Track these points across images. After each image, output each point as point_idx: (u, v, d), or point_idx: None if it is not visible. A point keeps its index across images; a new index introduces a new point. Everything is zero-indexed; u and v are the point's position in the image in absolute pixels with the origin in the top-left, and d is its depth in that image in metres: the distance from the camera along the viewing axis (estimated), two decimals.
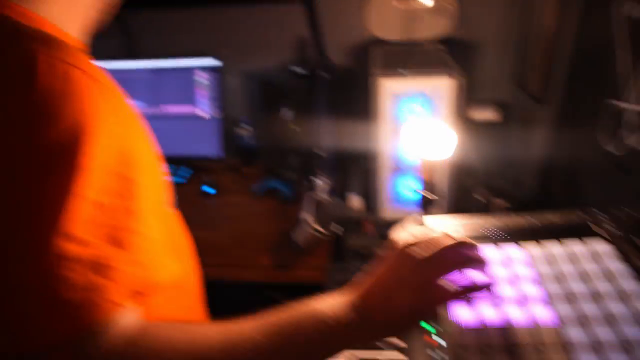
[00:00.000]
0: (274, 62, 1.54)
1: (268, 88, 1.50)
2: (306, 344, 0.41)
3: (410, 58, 1.15)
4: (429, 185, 0.70)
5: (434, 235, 0.45)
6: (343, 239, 1.24)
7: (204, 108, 1.58)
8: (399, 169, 1.25)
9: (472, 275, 0.48)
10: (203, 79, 1.53)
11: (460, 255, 0.44)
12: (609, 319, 0.42)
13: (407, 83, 1.12)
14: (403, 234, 0.47)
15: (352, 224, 1.36)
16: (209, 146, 1.61)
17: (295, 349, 0.41)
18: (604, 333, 0.40)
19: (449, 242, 0.44)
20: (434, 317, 0.43)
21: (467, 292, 0.43)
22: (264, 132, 1.59)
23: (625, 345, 0.39)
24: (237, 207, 1.46)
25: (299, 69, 1.37)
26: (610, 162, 0.91)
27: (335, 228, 1.07)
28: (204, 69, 1.51)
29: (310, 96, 1.37)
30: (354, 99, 1.43)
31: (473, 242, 0.45)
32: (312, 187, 1.25)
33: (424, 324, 0.45)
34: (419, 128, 0.70)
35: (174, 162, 1.64)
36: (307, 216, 1.07)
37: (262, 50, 1.57)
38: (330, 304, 0.44)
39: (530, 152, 1.29)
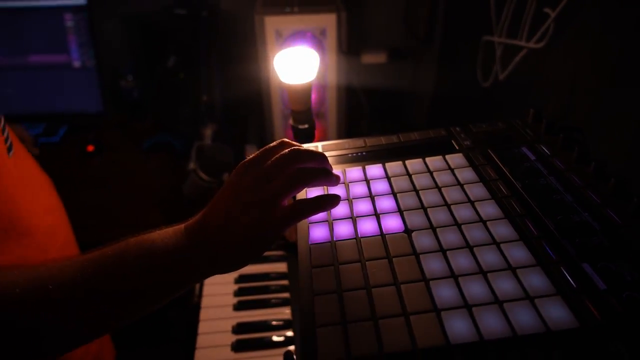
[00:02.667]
0: (153, 4, 1.40)
1: (149, 33, 1.37)
2: (132, 273, 0.37)
3: None
4: (297, 115, 0.67)
5: (272, 145, 0.42)
6: None
7: (77, 57, 1.40)
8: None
9: (317, 189, 0.47)
10: (72, 21, 1.35)
11: (299, 170, 0.41)
12: (457, 224, 0.42)
13: (293, 20, 1.06)
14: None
15: None
16: (87, 101, 1.45)
17: (118, 281, 0.37)
18: (451, 237, 0.40)
19: (285, 150, 0.41)
20: (277, 236, 0.39)
21: (307, 211, 0.40)
22: (150, 82, 1.46)
23: (470, 247, 0.39)
24: (124, 165, 1.35)
25: (181, 11, 1.26)
26: (482, 92, 0.94)
27: (224, 176, 1.02)
28: (70, 9, 1.33)
29: (195, 41, 1.26)
30: (241, 41, 1.36)
31: (316, 151, 0.43)
32: (199, 136, 1.17)
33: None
34: (285, 56, 0.66)
35: (44, 118, 1.46)
36: (195, 166, 1.01)
37: None
38: (164, 231, 0.40)
39: (420, 89, 1.32)
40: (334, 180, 0.44)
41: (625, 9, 0.56)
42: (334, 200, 0.42)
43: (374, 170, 0.50)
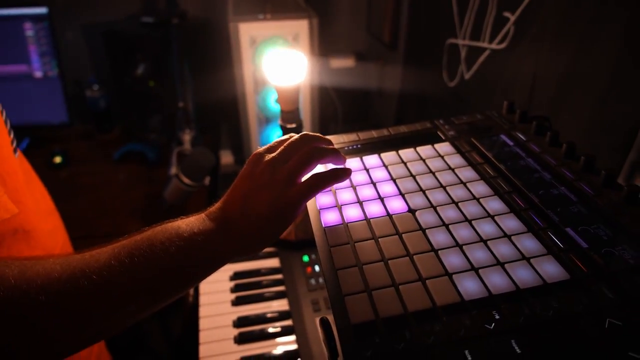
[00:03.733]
0: (118, 13, 1.39)
1: (114, 42, 1.36)
2: (160, 259, 0.39)
3: (266, 2, 1.13)
4: (286, 114, 0.71)
5: (284, 137, 0.46)
6: (215, 190, 1.21)
7: (38, 67, 1.37)
8: (266, 117, 1.24)
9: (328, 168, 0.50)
10: (32, 31, 1.32)
11: (312, 148, 0.44)
12: (454, 202, 0.47)
13: (267, 27, 1.10)
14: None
15: (226, 177, 1.33)
16: (51, 111, 1.42)
17: (149, 265, 0.39)
18: (450, 213, 0.45)
19: (296, 136, 0.45)
20: (296, 212, 0.43)
21: (322, 183, 0.44)
22: (116, 91, 1.44)
23: (469, 220, 0.44)
24: (94, 176, 1.33)
25: (148, 19, 1.26)
26: (449, 91, 1.01)
27: (205, 180, 1.03)
28: (30, 17, 1.30)
29: (165, 48, 1.27)
30: (211, 48, 1.37)
31: (324, 136, 0.47)
32: (178, 142, 1.18)
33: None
34: (274, 59, 0.69)
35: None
36: (177, 171, 1.01)
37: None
38: (187, 219, 0.43)
39: (387, 90, 1.38)
40: (342, 158, 0.48)
41: (579, 10, 0.64)
42: (346, 171, 0.46)
43: (371, 159, 0.55)
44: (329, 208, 0.48)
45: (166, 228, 0.42)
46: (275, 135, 1.24)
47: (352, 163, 0.54)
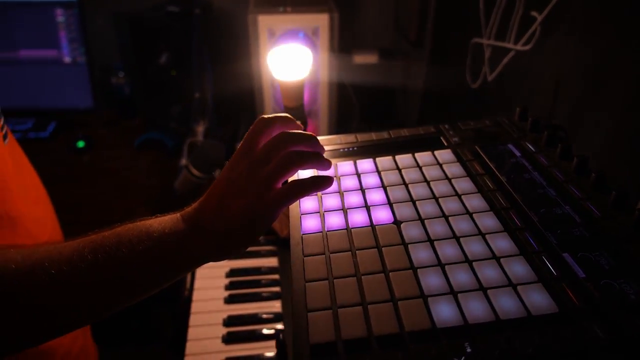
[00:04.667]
0: (147, 1, 1.40)
1: (141, 30, 1.37)
2: (125, 258, 0.38)
3: None
4: (290, 111, 0.68)
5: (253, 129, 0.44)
6: None
7: (67, 52, 1.40)
8: (283, 110, 1.22)
9: (310, 173, 0.48)
10: (62, 17, 1.35)
11: (293, 152, 0.42)
12: (444, 215, 0.43)
13: (286, 20, 1.07)
14: None
15: None
16: (77, 96, 1.44)
17: (113, 263, 0.37)
18: (438, 228, 0.42)
19: (277, 134, 0.42)
20: (272, 218, 0.40)
21: (300, 191, 0.41)
22: (141, 79, 1.45)
23: (457, 237, 0.40)
24: (113, 162, 1.35)
25: (174, 8, 1.26)
26: (471, 93, 0.96)
27: (215, 172, 1.03)
28: (61, 4, 1.32)
29: (187, 38, 1.27)
30: (233, 39, 1.36)
31: (307, 133, 0.44)
32: (192, 132, 1.18)
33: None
34: (278, 53, 0.67)
35: (33, 114, 1.45)
36: (187, 162, 1.01)
37: None
38: (161, 218, 0.41)
39: (410, 88, 1.34)
40: (326, 164, 0.45)
41: (609, 12, 0.58)
42: (327, 180, 0.43)
43: (365, 164, 0.52)
44: (311, 214, 0.45)
45: (137, 226, 0.40)
46: None
47: (345, 167, 0.52)
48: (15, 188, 0.53)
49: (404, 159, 0.52)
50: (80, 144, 1.37)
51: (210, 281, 0.73)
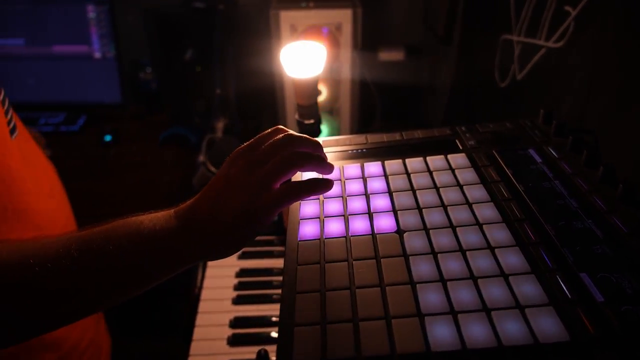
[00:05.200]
0: None
1: (168, 26, 1.38)
2: (112, 256, 0.36)
3: None
4: (303, 109, 0.66)
5: (266, 132, 0.42)
6: None
7: (98, 48, 1.42)
8: None
9: (311, 174, 0.46)
10: (94, 13, 1.37)
11: (294, 152, 0.40)
12: (452, 226, 0.40)
13: (308, 15, 1.05)
14: None
15: None
16: (107, 91, 1.47)
17: (99, 261, 0.36)
18: (443, 240, 0.39)
19: (280, 136, 0.40)
20: (267, 219, 0.38)
21: (297, 193, 0.39)
22: (167, 75, 1.47)
23: (463, 251, 0.37)
24: (138, 157, 1.37)
25: (200, 4, 1.26)
26: (499, 93, 0.91)
27: None
28: (93, 1, 1.35)
29: (212, 34, 1.27)
30: (256, 35, 1.35)
31: (312, 139, 0.42)
32: (211, 129, 1.18)
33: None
34: (292, 50, 0.65)
35: (65, 108, 1.49)
36: (204, 159, 1.01)
37: None
38: (154, 214, 0.40)
39: (437, 87, 1.29)
40: (328, 167, 0.42)
41: None
42: (327, 184, 0.41)
43: (372, 167, 0.49)
44: (311, 219, 0.43)
45: (128, 222, 0.39)
46: None
47: (351, 170, 0.49)
48: (23, 181, 0.54)
49: (414, 162, 0.49)
50: (107, 137, 1.39)
51: (219, 280, 0.72)
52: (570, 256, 0.35)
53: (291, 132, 0.42)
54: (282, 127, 0.42)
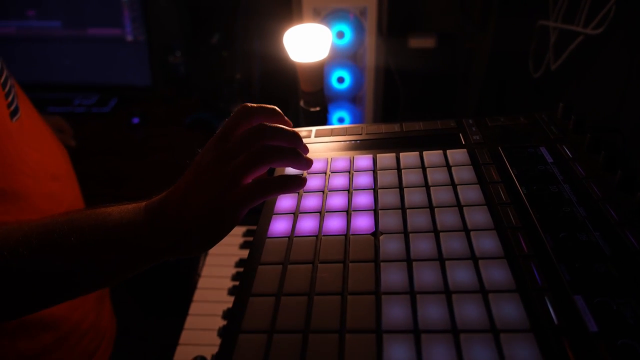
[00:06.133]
0: None
1: (198, 10, 1.37)
2: (73, 248, 0.35)
3: None
4: (308, 96, 0.62)
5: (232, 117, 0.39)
6: None
7: (130, 31, 1.44)
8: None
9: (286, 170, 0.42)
10: None
11: (267, 146, 0.37)
12: (436, 230, 0.35)
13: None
14: None
15: None
16: (138, 74, 1.49)
17: (58, 253, 0.35)
18: (423, 246, 0.34)
19: (253, 126, 0.37)
20: (237, 216, 0.36)
21: (267, 190, 0.36)
22: (196, 59, 1.47)
23: (443, 260, 0.33)
24: (164, 139, 1.38)
25: None
26: (532, 83, 0.84)
27: None
28: None
29: (235, 18, 1.25)
30: (279, 19, 1.32)
31: (289, 128, 0.38)
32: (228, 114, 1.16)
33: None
34: (296, 33, 0.61)
35: (98, 89, 1.52)
36: None
37: None
38: (124, 206, 0.38)
39: (470, 76, 1.22)
40: (304, 162, 0.39)
41: None
42: (299, 182, 0.38)
43: (362, 161, 0.45)
44: (285, 214, 0.40)
45: (94, 213, 0.38)
46: (335, 118, 1.16)
47: (338, 162, 0.45)
48: (22, 164, 0.53)
49: (408, 157, 0.44)
50: (135, 120, 1.41)
51: (217, 269, 0.71)
52: (566, 274, 0.30)
53: (259, 110, 0.39)
54: (247, 105, 0.39)
